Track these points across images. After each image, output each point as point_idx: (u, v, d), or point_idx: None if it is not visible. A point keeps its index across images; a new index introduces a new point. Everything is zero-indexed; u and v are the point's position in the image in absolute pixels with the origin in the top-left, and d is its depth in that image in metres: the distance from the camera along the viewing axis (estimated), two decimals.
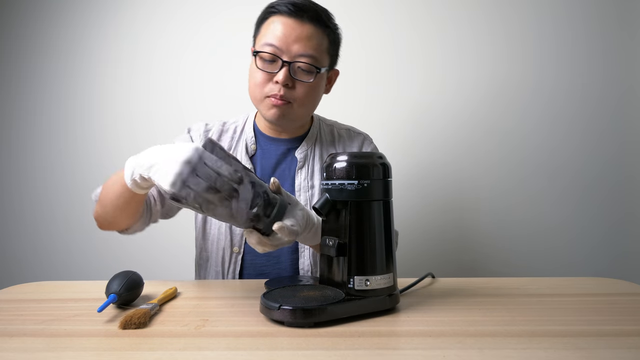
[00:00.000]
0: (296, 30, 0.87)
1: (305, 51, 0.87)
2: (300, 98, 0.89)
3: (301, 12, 0.87)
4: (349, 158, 0.64)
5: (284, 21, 0.87)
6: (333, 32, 0.93)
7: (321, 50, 0.90)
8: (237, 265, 0.94)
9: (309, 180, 0.96)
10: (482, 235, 1.48)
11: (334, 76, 1.00)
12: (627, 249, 1.45)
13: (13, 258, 1.55)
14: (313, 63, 0.88)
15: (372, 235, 0.63)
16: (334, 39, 0.94)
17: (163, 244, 1.50)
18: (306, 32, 0.87)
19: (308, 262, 0.93)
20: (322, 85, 0.95)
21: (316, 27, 0.88)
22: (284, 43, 0.86)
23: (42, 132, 1.54)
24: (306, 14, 0.87)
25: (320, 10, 0.90)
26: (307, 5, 0.89)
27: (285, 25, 0.87)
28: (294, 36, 0.86)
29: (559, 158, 1.47)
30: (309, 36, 0.87)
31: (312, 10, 0.89)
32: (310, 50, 0.87)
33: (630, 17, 1.45)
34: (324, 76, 0.94)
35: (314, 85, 0.90)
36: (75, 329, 0.58)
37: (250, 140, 0.99)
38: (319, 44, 0.89)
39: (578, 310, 0.65)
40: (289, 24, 0.87)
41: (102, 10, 1.52)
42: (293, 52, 0.87)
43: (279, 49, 0.87)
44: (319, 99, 0.96)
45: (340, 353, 0.49)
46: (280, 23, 0.87)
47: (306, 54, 0.87)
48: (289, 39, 0.86)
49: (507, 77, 1.47)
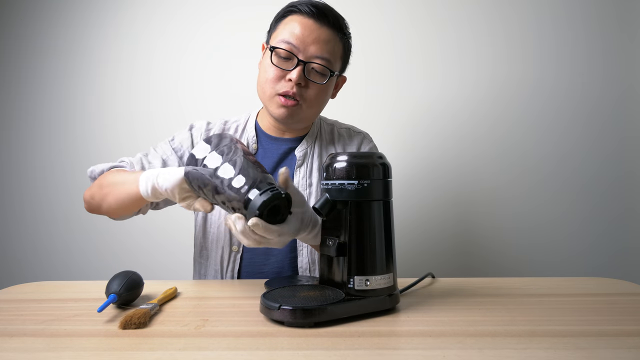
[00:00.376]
0: (315, 32, 0.88)
1: (321, 54, 0.88)
2: (311, 99, 0.91)
3: (322, 16, 0.89)
4: (349, 158, 0.64)
5: (304, 22, 0.89)
6: (347, 39, 0.95)
7: (335, 55, 0.92)
8: (236, 264, 0.94)
9: (307, 179, 0.97)
10: (482, 235, 1.48)
11: (341, 82, 1.02)
12: (627, 245, 1.45)
13: (13, 258, 1.55)
14: (327, 66, 0.89)
15: (372, 235, 0.63)
16: (347, 46, 0.96)
17: (163, 244, 1.50)
18: (324, 36, 0.89)
19: (306, 260, 0.94)
20: (331, 89, 0.96)
21: (334, 32, 0.90)
22: (302, 42, 0.87)
23: (42, 132, 1.54)
24: (326, 18, 0.89)
25: (339, 17, 0.92)
26: (328, 9, 0.91)
27: (304, 25, 0.88)
28: (312, 37, 0.88)
29: (558, 156, 1.47)
30: (327, 40, 0.89)
31: (333, 15, 0.91)
32: (326, 54, 0.89)
33: (630, 18, 1.45)
34: (334, 80, 0.96)
35: (325, 87, 0.92)
36: (75, 329, 0.58)
37: (251, 139, 0.99)
38: (335, 48, 0.91)
39: (578, 310, 0.65)
40: (308, 25, 0.88)
41: (102, 10, 1.52)
42: (310, 52, 0.88)
43: (296, 47, 0.88)
44: (326, 102, 0.97)
45: (340, 353, 0.49)
46: (299, 23, 0.89)
47: (322, 56, 0.89)
48: (307, 39, 0.88)
49: (507, 76, 1.47)
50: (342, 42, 0.93)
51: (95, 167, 0.92)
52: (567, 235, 1.47)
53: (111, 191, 0.83)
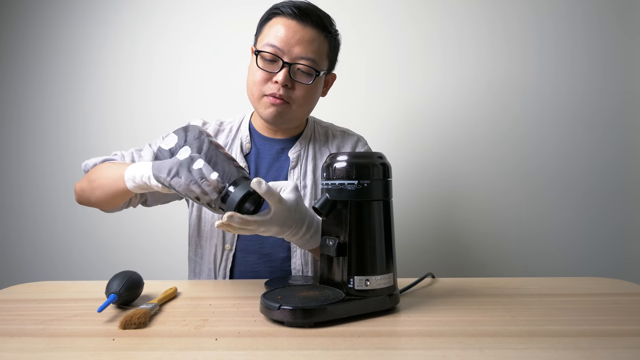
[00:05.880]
0: (298, 33, 0.88)
1: (305, 54, 0.89)
2: (299, 99, 0.91)
3: (304, 16, 0.89)
4: (349, 158, 0.64)
5: (287, 23, 0.89)
6: (334, 37, 0.95)
7: (321, 54, 0.92)
8: (229, 263, 0.95)
9: (302, 180, 0.97)
10: (482, 235, 1.48)
11: (331, 80, 1.02)
12: (630, 253, 1.45)
13: (13, 258, 1.55)
14: (313, 66, 0.90)
15: (372, 235, 0.63)
16: (334, 44, 0.96)
17: (163, 244, 1.50)
18: (308, 36, 0.89)
19: (300, 262, 0.94)
20: (319, 88, 0.96)
21: (318, 31, 0.90)
22: (286, 44, 0.88)
23: (42, 132, 1.54)
24: (309, 18, 0.89)
25: (323, 16, 0.92)
26: (310, 9, 0.90)
27: (288, 27, 0.89)
28: (296, 39, 0.88)
29: (560, 157, 1.46)
30: (311, 40, 0.89)
31: (315, 14, 0.90)
32: (311, 54, 0.89)
33: (630, 18, 1.45)
34: (322, 79, 0.96)
35: (312, 87, 0.92)
36: (75, 329, 0.58)
37: (245, 139, 1.00)
38: (320, 48, 0.91)
39: (578, 310, 0.65)
40: (291, 26, 0.89)
41: (102, 11, 1.52)
42: (294, 54, 0.88)
43: (280, 50, 0.88)
44: (316, 101, 0.98)
45: (340, 353, 0.49)
46: (283, 25, 0.89)
47: (307, 56, 0.89)
48: (290, 40, 0.88)
49: (507, 76, 1.47)
50: (327, 41, 0.93)
51: (89, 161, 0.92)
52: (568, 235, 1.46)
53: (100, 185, 0.84)
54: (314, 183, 0.97)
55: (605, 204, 1.46)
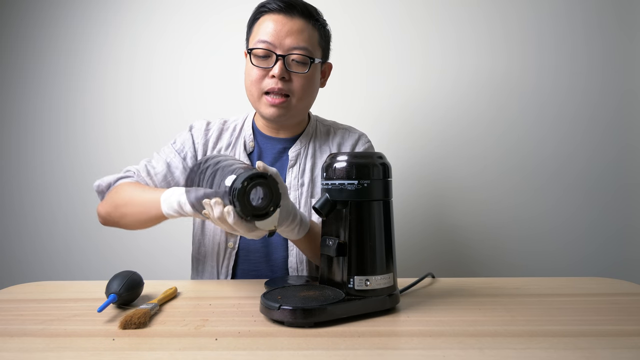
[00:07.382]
0: (287, 25, 0.90)
1: (297, 44, 0.90)
2: (298, 90, 0.92)
3: (291, 7, 0.90)
4: (349, 158, 0.64)
5: (275, 18, 0.90)
6: (323, 26, 0.96)
7: (313, 42, 0.92)
8: (231, 261, 0.95)
9: (299, 179, 0.97)
10: (482, 235, 1.48)
11: (327, 70, 1.02)
12: (630, 254, 1.45)
13: (13, 258, 1.55)
14: (306, 54, 0.91)
15: (372, 235, 0.63)
16: (324, 32, 0.97)
17: (163, 244, 1.50)
18: (297, 26, 0.90)
19: (295, 260, 0.94)
20: (317, 77, 0.97)
21: (306, 21, 0.92)
22: (277, 38, 0.89)
23: (42, 132, 1.54)
24: (295, 9, 0.91)
25: (308, 5, 0.93)
26: (296, 1, 0.92)
27: (276, 21, 0.90)
28: (285, 30, 0.89)
29: (560, 157, 1.46)
30: (300, 29, 0.90)
31: (301, 5, 0.92)
32: (303, 43, 0.90)
33: (630, 18, 1.45)
34: (318, 68, 0.96)
35: (309, 76, 0.93)
36: (75, 329, 0.58)
37: (248, 138, 1.01)
38: (310, 36, 0.92)
39: (578, 310, 0.65)
40: (279, 20, 0.90)
41: (102, 11, 1.52)
42: (286, 45, 0.89)
43: (272, 44, 0.89)
44: (315, 91, 0.98)
45: (340, 353, 0.49)
46: (271, 20, 0.90)
47: (299, 46, 0.90)
48: (280, 33, 0.89)
49: (506, 76, 1.47)
50: (316, 29, 0.94)
51: (101, 181, 0.93)
52: (568, 235, 1.46)
53: (129, 211, 0.85)
54: (311, 181, 0.97)
55: (605, 204, 1.46)
